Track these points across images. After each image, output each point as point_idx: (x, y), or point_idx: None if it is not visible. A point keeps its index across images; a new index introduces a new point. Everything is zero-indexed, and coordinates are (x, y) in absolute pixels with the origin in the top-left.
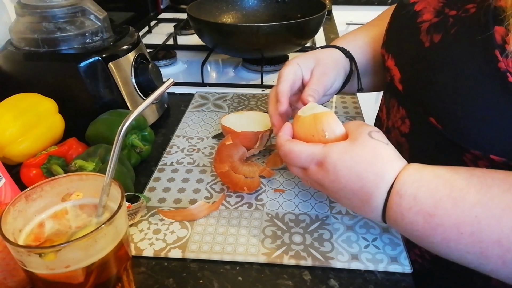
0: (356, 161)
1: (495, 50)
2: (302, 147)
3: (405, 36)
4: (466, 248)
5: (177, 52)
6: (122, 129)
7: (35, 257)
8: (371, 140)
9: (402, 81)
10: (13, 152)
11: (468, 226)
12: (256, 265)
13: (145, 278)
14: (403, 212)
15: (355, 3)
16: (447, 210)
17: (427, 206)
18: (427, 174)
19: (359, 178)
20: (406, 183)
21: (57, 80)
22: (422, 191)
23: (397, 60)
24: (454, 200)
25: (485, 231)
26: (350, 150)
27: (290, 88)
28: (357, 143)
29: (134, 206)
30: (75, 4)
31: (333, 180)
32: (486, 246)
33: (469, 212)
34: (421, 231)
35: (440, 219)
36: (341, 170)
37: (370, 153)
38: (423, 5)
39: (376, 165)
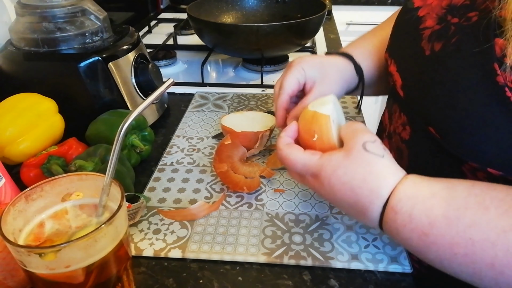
0: (350, 177)
1: (494, 63)
2: (297, 155)
3: (407, 43)
4: (460, 267)
5: (177, 52)
6: (122, 129)
7: (35, 257)
8: (365, 154)
9: (403, 88)
10: (13, 152)
11: (462, 248)
12: (256, 265)
13: (145, 278)
14: (398, 228)
15: (355, 3)
16: (441, 230)
17: (421, 225)
18: (423, 192)
19: (353, 193)
20: (402, 199)
21: (57, 80)
22: (417, 209)
23: (399, 66)
24: (448, 221)
25: (478, 254)
26: (344, 165)
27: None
28: (351, 157)
29: (134, 206)
30: (75, 4)
31: (328, 193)
32: (480, 268)
33: (463, 234)
34: (415, 248)
35: (434, 238)
36: (335, 185)
37: (364, 168)
38: (426, 11)
39: (371, 182)
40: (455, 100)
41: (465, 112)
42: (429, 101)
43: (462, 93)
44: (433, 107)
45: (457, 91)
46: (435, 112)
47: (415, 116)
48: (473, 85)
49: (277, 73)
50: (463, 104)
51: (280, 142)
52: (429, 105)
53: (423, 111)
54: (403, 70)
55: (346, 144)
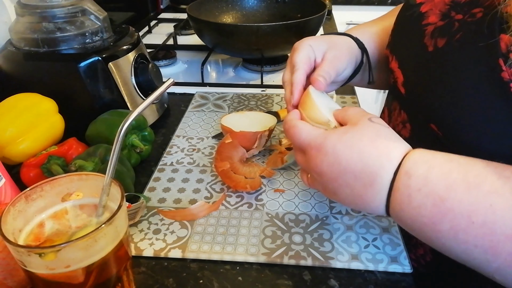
0: (357, 139)
1: (499, 59)
2: (303, 126)
3: (409, 39)
4: (475, 240)
5: (177, 52)
6: (122, 129)
7: (35, 257)
8: (372, 124)
9: (405, 85)
10: (13, 152)
11: (481, 215)
12: (256, 265)
13: (145, 278)
14: (411, 194)
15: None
16: (459, 195)
17: (438, 188)
18: (440, 157)
19: (361, 156)
20: (417, 162)
21: (57, 80)
22: (435, 172)
23: (401, 62)
24: (468, 185)
25: (498, 223)
26: (351, 131)
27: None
28: (357, 126)
29: (134, 206)
30: (75, 4)
31: (332, 162)
32: (498, 240)
33: (483, 200)
34: (428, 217)
35: (451, 203)
36: (341, 149)
37: (371, 133)
38: (429, 7)
39: (379, 143)
40: (458, 96)
41: (468, 108)
42: (431, 98)
43: (465, 89)
44: (436, 103)
45: (461, 87)
46: (437, 109)
47: (416, 113)
48: (477, 81)
49: (277, 73)
50: (467, 100)
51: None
52: (432, 102)
53: (425, 108)
54: (405, 66)
55: (351, 120)
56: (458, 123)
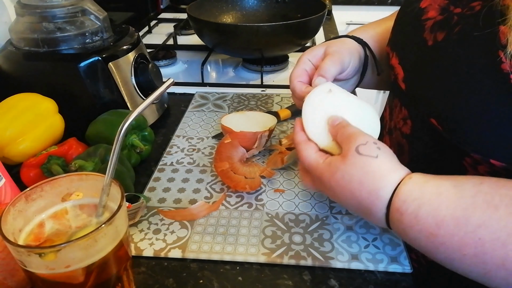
0: (348, 180)
1: (498, 51)
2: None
3: (409, 34)
4: (470, 268)
5: (177, 52)
6: (122, 129)
7: (35, 257)
8: (359, 157)
9: (405, 80)
10: (13, 152)
11: (472, 248)
12: (256, 265)
13: (145, 278)
14: (405, 229)
15: (355, 3)
16: (449, 231)
17: (429, 226)
18: (429, 191)
19: (353, 196)
20: (406, 201)
21: (57, 80)
22: (424, 209)
23: (401, 58)
24: (457, 221)
25: (489, 254)
26: (341, 169)
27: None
28: (347, 161)
29: (134, 206)
30: (75, 4)
31: (332, 195)
32: (490, 268)
33: (472, 234)
34: (424, 248)
35: (442, 239)
36: (336, 188)
37: (359, 171)
38: (428, 2)
39: (367, 184)
40: (458, 89)
41: (468, 101)
42: (431, 92)
43: (465, 82)
44: (436, 97)
45: (461, 80)
46: (437, 103)
47: (416, 108)
48: (477, 74)
49: (277, 73)
50: (467, 92)
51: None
52: (432, 96)
53: (425, 102)
54: (405, 62)
55: (342, 149)
56: (458, 116)
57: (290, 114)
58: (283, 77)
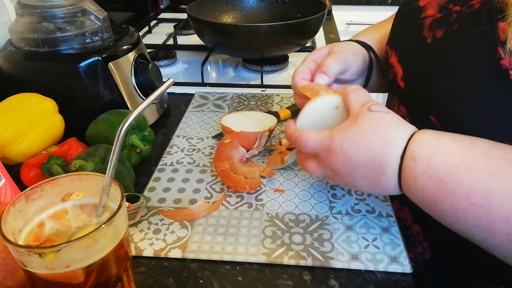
0: (360, 133)
1: (498, 47)
2: (309, 133)
3: (408, 32)
4: (473, 220)
5: (177, 52)
6: (122, 129)
7: (35, 257)
8: (370, 113)
9: (404, 78)
10: (13, 152)
11: (479, 198)
12: (256, 265)
13: (145, 278)
14: (416, 176)
15: (355, 3)
16: (460, 178)
17: (440, 172)
18: (445, 139)
19: (366, 149)
20: (421, 147)
21: (57, 80)
22: (438, 156)
23: (400, 56)
24: (469, 169)
25: (495, 205)
26: (352, 127)
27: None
28: (358, 119)
29: (134, 206)
30: (75, 4)
31: (344, 160)
32: (494, 221)
33: (483, 183)
34: (431, 197)
35: (452, 186)
36: (348, 147)
37: (371, 123)
38: (427, 1)
39: (381, 133)
40: (458, 85)
41: (467, 97)
42: (431, 89)
43: (465, 78)
44: (435, 94)
45: (460, 76)
46: (437, 99)
47: (415, 106)
48: (477, 70)
49: (277, 73)
50: (466, 89)
51: (288, 129)
52: (431, 93)
53: (424, 99)
54: (404, 60)
55: (351, 113)
56: (457, 113)
57: (290, 114)
58: (283, 77)
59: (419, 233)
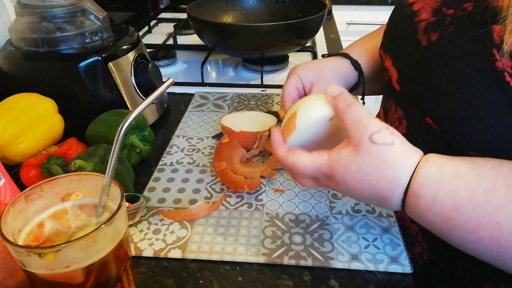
0: (364, 172)
1: (492, 49)
2: (304, 160)
3: (403, 36)
4: (484, 250)
5: (177, 52)
6: (122, 129)
7: (35, 257)
8: (374, 147)
9: (399, 81)
10: (12, 152)
11: (488, 232)
12: (256, 265)
13: (145, 278)
14: (421, 212)
15: (355, 3)
16: (467, 214)
17: (446, 209)
18: (447, 174)
19: (371, 187)
20: (424, 184)
21: (57, 80)
22: (442, 192)
23: (394, 60)
24: (475, 204)
25: (505, 237)
26: (355, 162)
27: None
28: (361, 153)
29: (134, 206)
30: (75, 4)
31: (346, 190)
32: (505, 251)
33: (490, 218)
34: (438, 231)
35: (459, 222)
36: (351, 182)
37: (377, 162)
38: (420, 5)
39: (387, 173)
40: (453, 87)
41: (463, 99)
42: (426, 91)
43: (460, 80)
44: (431, 96)
45: (456, 79)
46: (432, 102)
47: (411, 108)
48: (472, 72)
49: (277, 73)
50: (462, 91)
51: (278, 153)
52: (427, 95)
53: (420, 102)
54: (399, 63)
55: (352, 139)
56: (453, 115)
57: None
58: (283, 77)
59: (418, 233)
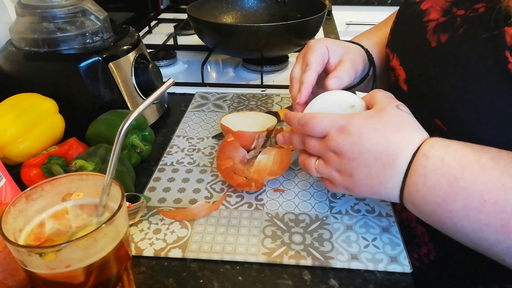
0: (383, 125)
1: (505, 51)
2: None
3: (411, 36)
4: (487, 218)
5: (177, 52)
6: (123, 129)
7: (36, 257)
8: (398, 111)
9: (407, 81)
10: (13, 152)
11: (493, 194)
12: (256, 264)
13: (145, 278)
14: (427, 174)
15: (355, 3)
16: (474, 175)
17: (453, 169)
18: (456, 143)
19: (385, 139)
20: (435, 146)
21: (58, 80)
22: (451, 154)
23: (402, 60)
24: (482, 166)
25: (509, 201)
26: (377, 116)
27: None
28: (385, 112)
29: (134, 206)
30: (76, 4)
31: (354, 142)
32: (508, 218)
33: (496, 180)
34: (442, 196)
35: (465, 183)
36: (365, 132)
37: (398, 119)
38: (429, 4)
39: (404, 129)
40: (464, 89)
41: (474, 101)
42: (436, 93)
43: (472, 82)
44: (441, 98)
45: (467, 81)
46: (443, 103)
47: (420, 109)
48: (484, 74)
49: (277, 73)
50: (473, 93)
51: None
52: (437, 97)
53: (430, 103)
54: (407, 63)
55: (378, 104)
56: (464, 117)
57: None
58: (283, 77)
59: (424, 233)
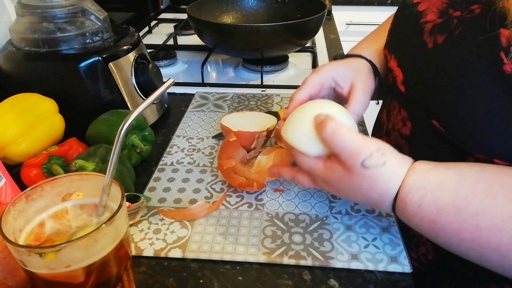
0: (356, 188)
1: (500, 53)
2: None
3: (408, 37)
4: (467, 251)
5: (177, 52)
6: (123, 129)
7: (36, 257)
8: (365, 171)
9: (405, 82)
10: (13, 152)
11: (469, 234)
12: (256, 264)
13: (145, 278)
14: (409, 217)
15: (355, 3)
16: (449, 218)
17: (430, 214)
18: (432, 181)
19: (363, 196)
20: (411, 191)
21: (58, 80)
22: (426, 199)
23: (400, 61)
24: (456, 209)
25: (485, 239)
26: (347, 180)
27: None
28: (353, 175)
29: (134, 206)
30: (76, 4)
31: (340, 194)
32: (486, 253)
33: (470, 221)
34: (425, 233)
35: (442, 225)
36: (343, 190)
37: (368, 182)
38: (426, 6)
39: (378, 188)
40: (460, 90)
41: (471, 102)
42: (433, 94)
43: (468, 83)
44: (438, 99)
45: (463, 82)
46: (439, 104)
47: (417, 110)
48: (480, 75)
49: (277, 73)
50: (470, 94)
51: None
52: (433, 98)
53: (427, 104)
54: (404, 64)
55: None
56: (461, 117)
57: None
58: (283, 77)
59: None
